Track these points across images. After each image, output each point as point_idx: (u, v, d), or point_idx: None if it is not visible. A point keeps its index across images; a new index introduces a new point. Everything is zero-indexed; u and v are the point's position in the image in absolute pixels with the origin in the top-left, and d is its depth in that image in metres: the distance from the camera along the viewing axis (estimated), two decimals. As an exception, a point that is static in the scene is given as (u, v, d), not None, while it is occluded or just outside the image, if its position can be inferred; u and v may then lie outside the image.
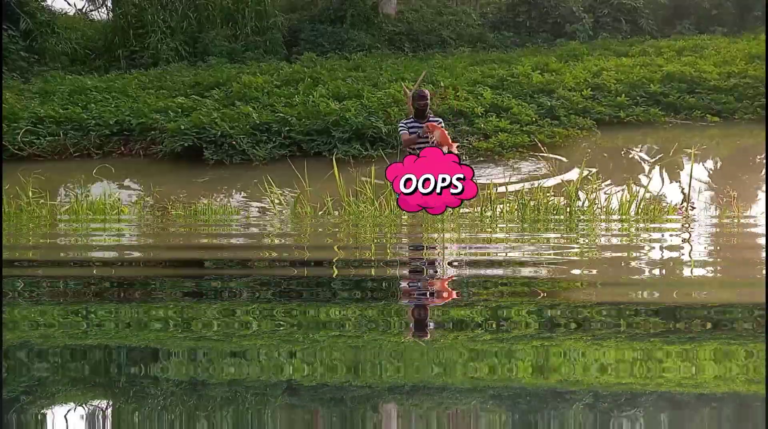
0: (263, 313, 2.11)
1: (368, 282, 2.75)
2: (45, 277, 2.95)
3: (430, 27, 18.37)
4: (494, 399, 1.39)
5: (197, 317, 2.07)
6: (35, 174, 8.06)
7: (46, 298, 2.42)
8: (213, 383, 1.50)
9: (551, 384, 1.48)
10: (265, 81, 13.52)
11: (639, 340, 1.77)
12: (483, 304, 2.21)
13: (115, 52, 17.14)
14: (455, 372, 1.58)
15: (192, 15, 17.50)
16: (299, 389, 1.48)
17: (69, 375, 1.59)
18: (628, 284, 2.62)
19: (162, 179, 9.93)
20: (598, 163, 9.99)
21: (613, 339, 1.78)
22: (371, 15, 18.29)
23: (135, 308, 2.21)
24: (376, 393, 1.44)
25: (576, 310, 2.10)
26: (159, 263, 3.46)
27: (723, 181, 9.39)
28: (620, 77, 12.88)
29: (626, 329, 1.89)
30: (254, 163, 10.48)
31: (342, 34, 17.53)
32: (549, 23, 18.15)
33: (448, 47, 17.68)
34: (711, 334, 1.84)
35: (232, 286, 2.63)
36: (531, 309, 2.12)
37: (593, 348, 1.71)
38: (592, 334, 1.84)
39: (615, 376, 1.55)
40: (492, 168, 10.21)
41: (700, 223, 6.08)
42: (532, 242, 4.39)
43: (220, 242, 4.76)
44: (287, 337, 1.86)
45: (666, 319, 2.01)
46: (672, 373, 1.55)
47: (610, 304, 2.19)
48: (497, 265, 3.17)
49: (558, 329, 1.90)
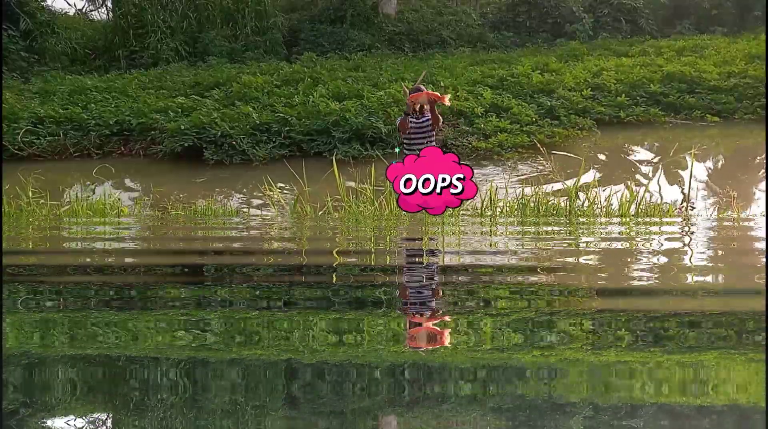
0: (264, 318, 2.11)
1: (368, 287, 2.75)
2: (45, 279, 2.94)
3: (430, 27, 18.37)
4: (493, 411, 1.39)
5: (197, 322, 2.07)
6: (35, 174, 8.07)
7: (44, 299, 2.42)
8: (212, 392, 1.50)
9: (552, 394, 1.48)
10: (265, 81, 13.52)
11: (639, 350, 1.77)
12: (482, 312, 2.21)
13: (115, 52, 17.14)
14: (455, 382, 1.58)
15: (192, 15, 17.50)
16: (298, 399, 1.48)
17: (67, 379, 1.59)
18: (628, 289, 2.62)
19: (162, 179, 9.93)
20: (598, 164, 9.99)
21: (614, 348, 1.78)
22: (371, 15, 18.28)
23: (134, 314, 2.21)
24: (376, 404, 1.44)
25: (576, 317, 2.10)
26: (158, 265, 3.45)
27: (723, 181, 9.38)
28: (620, 77, 12.87)
29: (627, 337, 1.89)
30: (254, 163, 10.48)
31: (342, 34, 17.52)
32: (549, 23, 18.14)
33: (448, 47, 17.67)
34: (711, 343, 1.84)
35: (232, 289, 2.63)
36: (531, 316, 2.12)
37: (592, 356, 1.71)
38: (591, 343, 1.84)
39: (615, 384, 1.55)
40: (491, 168, 10.21)
41: (699, 223, 6.08)
42: (532, 242, 4.39)
43: (219, 243, 4.76)
44: (286, 345, 1.86)
45: (666, 326, 2.01)
46: (672, 381, 1.55)
47: (610, 312, 2.19)
48: (498, 270, 3.16)
49: (558, 337, 1.90)
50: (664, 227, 5.56)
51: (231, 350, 1.79)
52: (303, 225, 6.16)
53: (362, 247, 4.44)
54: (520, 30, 18.31)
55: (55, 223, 6.39)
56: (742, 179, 9.93)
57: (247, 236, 5.42)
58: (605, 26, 17.77)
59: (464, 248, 4.29)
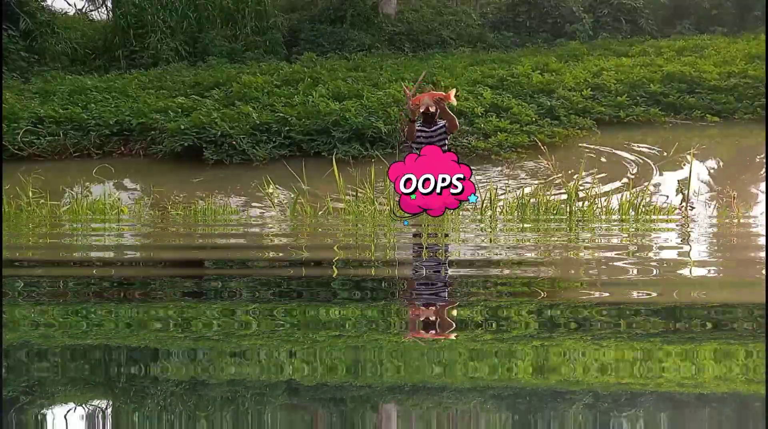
0: (263, 312, 2.11)
1: (368, 282, 2.75)
2: (45, 277, 2.95)
3: (430, 27, 18.38)
4: (494, 399, 1.39)
5: (197, 317, 2.07)
6: (35, 174, 8.07)
7: (45, 298, 2.42)
8: (213, 383, 1.50)
9: (551, 384, 1.48)
10: (265, 81, 13.52)
11: (639, 340, 1.77)
12: (483, 304, 2.21)
13: (115, 52, 17.15)
14: (455, 372, 1.58)
15: (192, 15, 17.51)
16: (299, 389, 1.48)
17: (69, 375, 1.59)
18: (627, 284, 2.62)
19: (162, 179, 9.93)
20: (598, 164, 9.99)
21: (613, 339, 1.78)
22: (371, 15, 18.30)
23: (135, 308, 2.21)
24: (377, 393, 1.44)
25: (576, 310, 2.10)
26: (158, 263, 3.45)
27: (723, 181, 9.38)
28: (620, 77, 12.88)
29: (626, 329, 1.89)
30: (254, 163, 10.48)
31: (342, 34, 17.54)
32: (549, 23, 18.15)
33: (448, 47, 17.69)
34: (711, 334, 1.84)
35: (232, 285, 2.63)
36: (531, 309, 2.12)
37: (593, 348, 1.71)
38: (592, 334, 1.84)
39: (615, 376, 1.55)
40: (492, 168, 10.21)
41: (699, 223, 6.08)
42: (531, 241, 4.39)
43: (219, 242, 4.76)
44: (287, 337, 1.86)
45: (666, 318, 2.01)
46: (672, 373, 1.55)
47: (610, 304, 2.19)
48: (496, 264, 3.17)
49: (558, 329, 1.90)
50: (664, 225, 5.56)
51: (230, 342, 1.79)
52: (303, 224, 6.16)
53: (362, 242, 4.44)
54: (520, 30, 18.33)
55: (55, 223, 6.39)
56: (742, 179, 9.93)
57: (246, 233, 5.42)
58: (605, 26, 17.79)
59: (464, 244, 4.29)
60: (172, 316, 2.06)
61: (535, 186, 7.74)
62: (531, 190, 7.39)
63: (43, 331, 1.95)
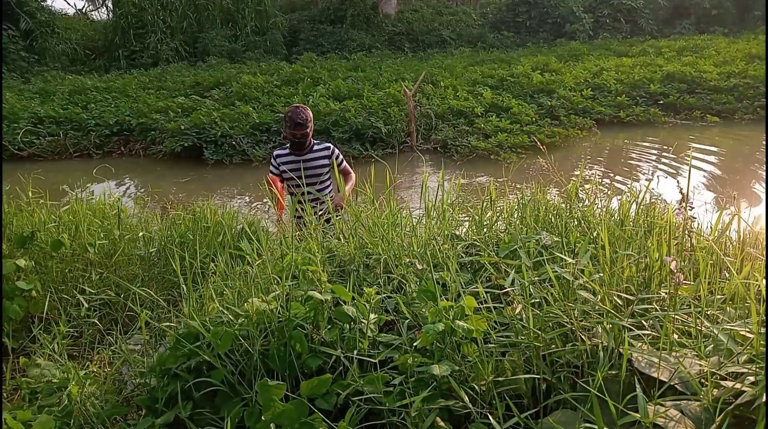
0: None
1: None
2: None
3: (430, 27, 18.42)
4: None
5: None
6: (35, 174, 8.05)
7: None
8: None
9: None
10: (265, 81, 13.54)
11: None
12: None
13: (115, 52, 17.19)
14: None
15: (192, 15, 17.54)
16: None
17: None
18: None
19: (162, 179, 9.93)
20: (598, 164, 10.00)
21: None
22: (371, 15, 18.33)
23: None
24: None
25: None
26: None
27: (723, 181, 9.39)
28: (620, 77, 12.92)
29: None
30: (254, 163, 10.48)
31: (342, 34, 17.56)
32: (549, 23, 18.18)
33: (448, 47, 17.72)
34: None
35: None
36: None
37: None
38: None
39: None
40: (492, 168, 10.21)
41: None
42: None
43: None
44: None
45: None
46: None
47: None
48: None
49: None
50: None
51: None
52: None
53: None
54: (520, 30, 18.36)
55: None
56: (742, 179, 9.93)
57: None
58: (605, 26, 17.83)
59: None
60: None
61: (534, 186, 7.72)
62: (531, 190, 7.39)
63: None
